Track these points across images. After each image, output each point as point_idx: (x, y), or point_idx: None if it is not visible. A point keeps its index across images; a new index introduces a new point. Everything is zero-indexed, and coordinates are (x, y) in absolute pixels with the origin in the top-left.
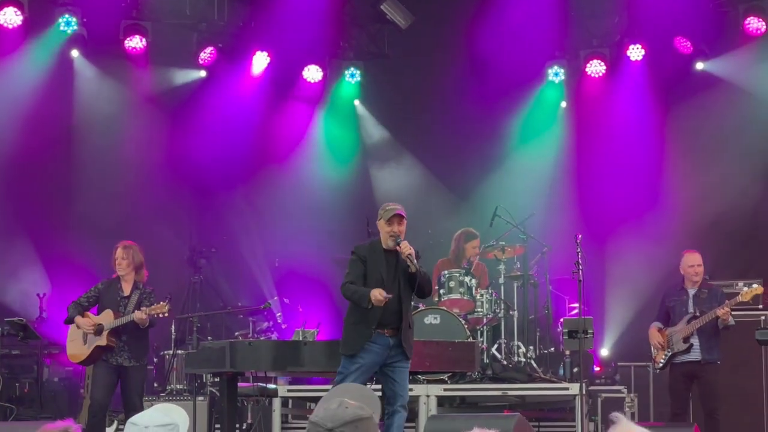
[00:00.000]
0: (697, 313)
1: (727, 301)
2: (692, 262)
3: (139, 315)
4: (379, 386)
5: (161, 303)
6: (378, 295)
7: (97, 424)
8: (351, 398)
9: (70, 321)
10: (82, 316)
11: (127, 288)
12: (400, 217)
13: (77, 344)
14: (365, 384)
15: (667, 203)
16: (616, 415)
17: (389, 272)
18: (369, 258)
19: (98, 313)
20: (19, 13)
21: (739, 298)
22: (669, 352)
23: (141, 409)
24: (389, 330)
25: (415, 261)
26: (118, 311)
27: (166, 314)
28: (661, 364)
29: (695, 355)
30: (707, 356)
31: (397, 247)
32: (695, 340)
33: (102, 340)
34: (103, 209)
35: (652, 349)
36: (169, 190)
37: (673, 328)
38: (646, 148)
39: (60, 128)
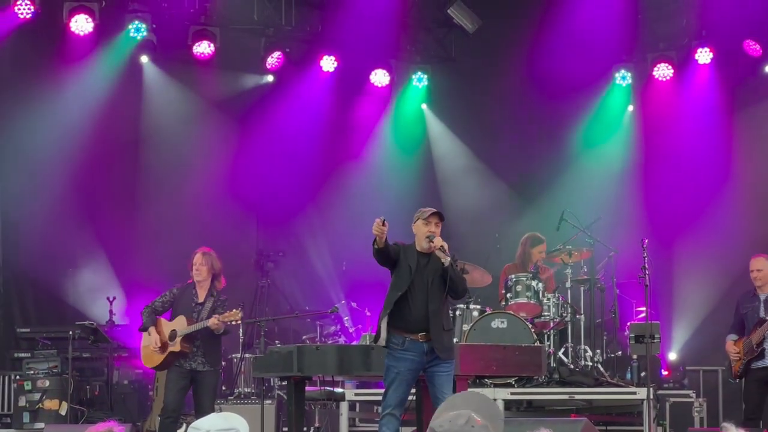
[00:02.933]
0: (767, 317)
1: None
2: (752, 267)
3: (213, 321)
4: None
5: (234, 310)
6: (374, 225)
7: (169, 426)
8: (478, 413)
9: (144, 329)
10: (156, 323)
11: (201, 294)
12: (438, 216)
13: (151, 350)
14: (408, 391)
15: (735, 206)
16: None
17: (419, 272)
18: (402, 254)
19: (171, 318)
20: (90, 20)
21: None
22: (745, 359)
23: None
24: (422, 335)
25: (444, 253)
26: (191, 317)
27: (239, 321)
28: (739, 373)
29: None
30: None
31: (431, 243)
32: (767, 345)
33: (176, 347)
34: (171, 213)
35: (731, 361)
36: (237, 194)
37: (747, 336)
38: (714, 152)
39: (129, 133)
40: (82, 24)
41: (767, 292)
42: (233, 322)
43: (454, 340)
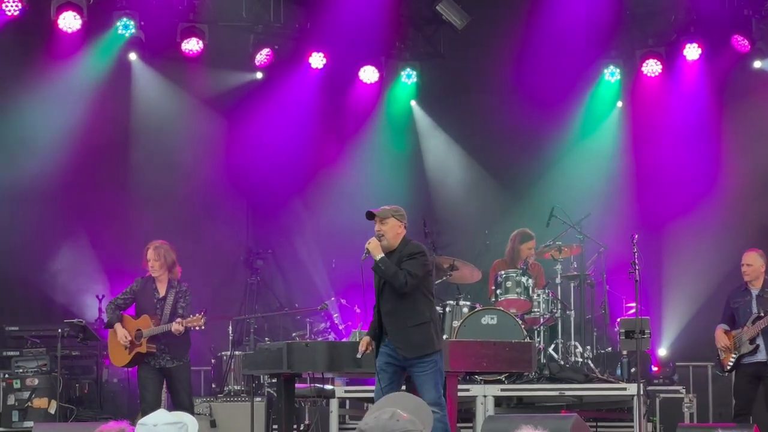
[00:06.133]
0: (761, 314)
1: None
2: (743, 261)
3: (176, 327)
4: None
5: (197, 315)
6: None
7: None
8: (404, 409)
9: (109, 326)
10: (121, 319)
11: (162, 288)
12: (374, 216)
13: (119, 349)
14: (389, 386)
15: (725, 202)
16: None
17: (377, 276)
18: None
19: (136, 314)
20: (78, 17)
21: None
22: (737, 354)
23: (191, 406)
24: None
25: (371, 252)
26: (155, 314)
27: (203, 327)
28: (729, 367)
29: (761, 356)
30: None
31: None
32: (760, 341)
33: (142, 348)
34: (160, 211)
35: (720, 352)
36: (226, 191)
37: (739, 329)
38: (703, 148)
39: (118, 131)
40: (69, 21)
41: (758, 287)
42: (196, 328)
43: (444, 336)
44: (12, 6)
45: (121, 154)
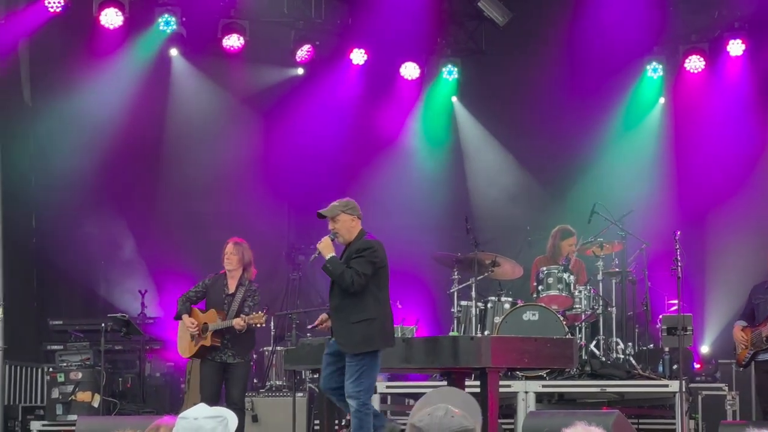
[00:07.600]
0: None
1: None
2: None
3: (237, 322)
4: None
5: (259, 313)
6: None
7: None
8: (455, 405)
9: (178, 317)
10: (190, 312)
11: (232, 285)
12: (322, 216)
13: (185, 340)
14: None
15: None
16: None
17: None
18: None
19: (205, 308)
20: (120, 13)
21: None
22: (752, 350)
23: (240, 404)
24: None
25: (321, 252)
26: (222, 309)
27: (263, 325)
28: (744, 362)
29: None
30: None
31: None
32: None
33: (206, 341)
34: (201, 207)
35: (736, 346)
36: (267, 187)
37: (757, 326)
38: (746, 144)
39: (159, 126)
40: (111, 17)
41: None
42: (257, 325)
43: (486, 332)
44: (54, 3)
45: (163, 150)
